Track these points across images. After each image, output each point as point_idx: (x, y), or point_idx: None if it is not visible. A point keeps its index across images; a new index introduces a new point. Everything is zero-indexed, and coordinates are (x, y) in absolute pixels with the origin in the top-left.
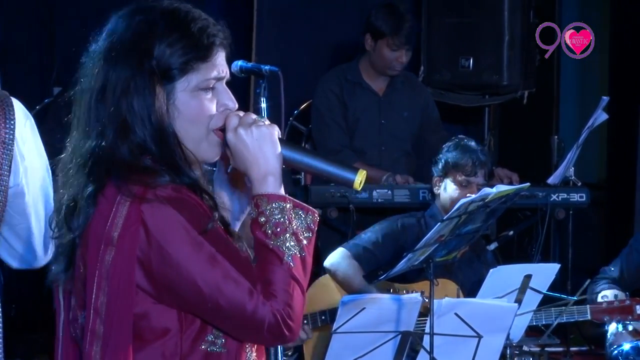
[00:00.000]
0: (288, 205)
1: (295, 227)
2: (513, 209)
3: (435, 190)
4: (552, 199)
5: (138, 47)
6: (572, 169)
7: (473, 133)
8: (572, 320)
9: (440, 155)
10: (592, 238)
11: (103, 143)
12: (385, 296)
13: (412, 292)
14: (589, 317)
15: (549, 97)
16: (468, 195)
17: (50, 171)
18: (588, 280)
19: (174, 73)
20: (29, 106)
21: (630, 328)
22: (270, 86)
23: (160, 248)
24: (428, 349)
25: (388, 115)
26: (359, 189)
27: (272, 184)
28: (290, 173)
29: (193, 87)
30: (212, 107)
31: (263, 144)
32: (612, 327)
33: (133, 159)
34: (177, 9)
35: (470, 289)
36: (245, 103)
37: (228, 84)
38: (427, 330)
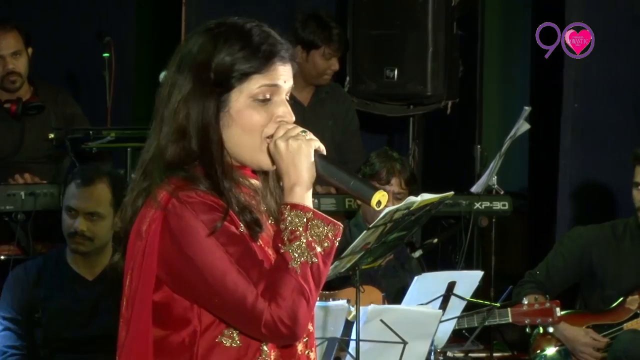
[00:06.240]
0: (308, 215)
1: (311, 236)
2: (437, 217)
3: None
4: (475, 207)
5: (200, 59)
6: (495, 178)
7: (398, 143)
8: (494, 323)
9: (363, 166)
10: (515, 246)
11: (160, 143)
12: None
13: (338, 299)
14: (509, 319)
15: (472, 107)
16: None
17: None
18: (511, 287)
19: (229, 83)
20: None
21: (550, 330)
22: None
23: (177, 244)
24: (354, 355)
25: (313, 126)
26: (377, 208)
27: (297, 194)
28: None
29: (248, 97)
30: (265, 118)
31: (296, 156)
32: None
33: (177, 162)
34: (242, 24)
35: (395, 297)
36: None
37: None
38: (353, 336)
